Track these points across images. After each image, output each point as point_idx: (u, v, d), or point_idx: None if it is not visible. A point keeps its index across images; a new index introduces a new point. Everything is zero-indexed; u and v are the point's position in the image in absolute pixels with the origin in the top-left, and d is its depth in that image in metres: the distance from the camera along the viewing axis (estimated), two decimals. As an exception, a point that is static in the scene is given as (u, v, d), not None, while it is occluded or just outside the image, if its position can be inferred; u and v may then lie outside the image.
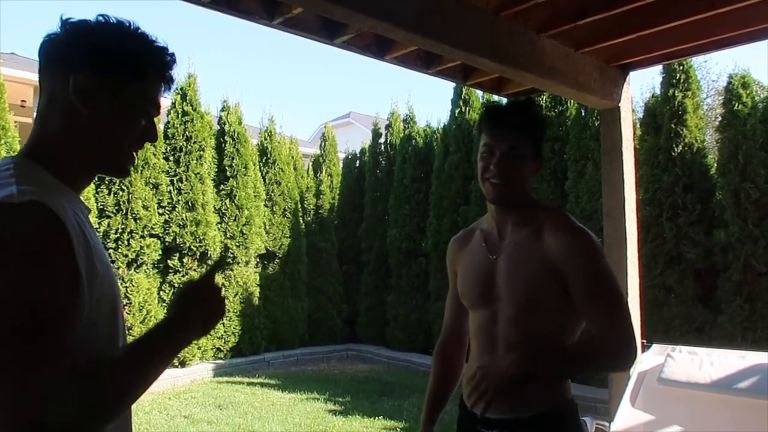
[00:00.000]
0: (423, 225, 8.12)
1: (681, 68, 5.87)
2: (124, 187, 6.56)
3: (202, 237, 7.10)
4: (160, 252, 6.95)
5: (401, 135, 8.89)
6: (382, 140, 9.37)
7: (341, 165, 9.93)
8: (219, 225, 7.50)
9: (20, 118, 8.16)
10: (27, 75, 9.27)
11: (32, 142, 1.00)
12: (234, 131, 7.80)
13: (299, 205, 8.76)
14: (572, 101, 6.28)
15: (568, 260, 1.45)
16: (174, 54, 1.04)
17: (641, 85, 23.49)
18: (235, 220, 7.62)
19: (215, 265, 1.07)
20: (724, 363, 2.65)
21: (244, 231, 7.67)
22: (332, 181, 9.58)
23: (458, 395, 1.76)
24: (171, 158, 7.18)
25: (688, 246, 5.60)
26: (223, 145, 7.76)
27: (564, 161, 6.52)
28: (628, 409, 2.67)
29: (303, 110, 52.54)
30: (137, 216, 6.62)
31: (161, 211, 6.99)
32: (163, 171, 7.07)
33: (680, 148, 5.75)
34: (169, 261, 7.04)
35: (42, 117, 1.00)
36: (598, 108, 3.39)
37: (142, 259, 6.71)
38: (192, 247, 7.06)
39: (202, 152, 7.33)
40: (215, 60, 63.11)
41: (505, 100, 3.63)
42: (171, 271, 7.05)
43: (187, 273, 7.06)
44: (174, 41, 1.04)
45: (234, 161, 7.70)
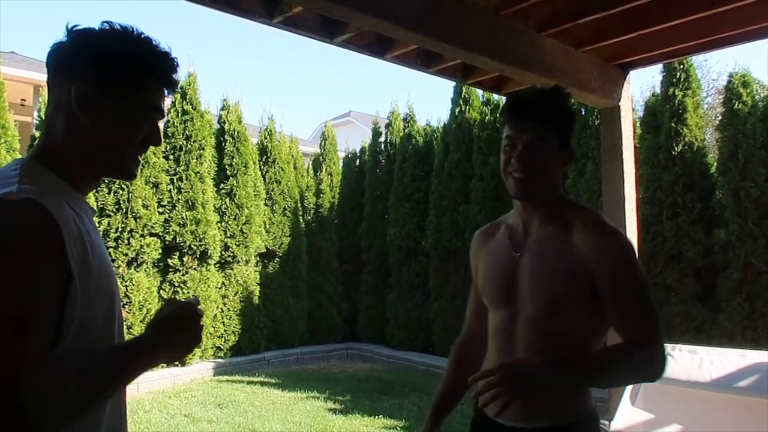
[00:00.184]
0: (423, 224, 8.12)
1: (681, 67, 5.86)
2: (124, 186, 6.56)
3: (202, 236, 7.10)
4: (160, 251, 6.95)
5: (401, 134, 8.89)
6: (382, 139, 9.36)
7: (341, 164, 9.93)
8: (219, 224, 7.50)
9: (20, 117, 8.17)
10: (27, 74, 9.28)
11: (39, 148, 1.03)
12: (234, 130, 7.80)
13: (299, 204, 8.75)
14: (572, 100, 6.27)
15: (599, 262, 1.36)
16: (176, 59, 1.06)
17: (641, 84, 23.50)
18: (235, 219, 7.62)
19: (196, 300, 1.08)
20: (724, 362, 2.65)
21: (244, 230, 7.67)
22: (332, 180, 9.58)
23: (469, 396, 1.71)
24: (171, 157, 7.18)
25: (688, 245, 5.60)
26: (223, 144, 7.76)
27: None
28: (628, 408, 2.68)
29: (303, 109, 52.55)
30: (137, 215, 6.62)
31: (161, 210, 6.99)
32: (163, 170, 7.07)
33: (680, 147, 5.75)
34: (169, 260, 7.04)
35: (48, 124, 1.03)
36: (599, 107, 3.39)
37: (142, 258, 6.71)
38: (192, 246, 7.06)
39: (202, 151, 7.32)
40: (215, 59, 63.10)
41: (506, 99, 3.62)
42: (171, 270, 7.05)
43: (187, 272, 7.07)
44: (174, 40, 1.05)
45: (234, 160, 7.69)
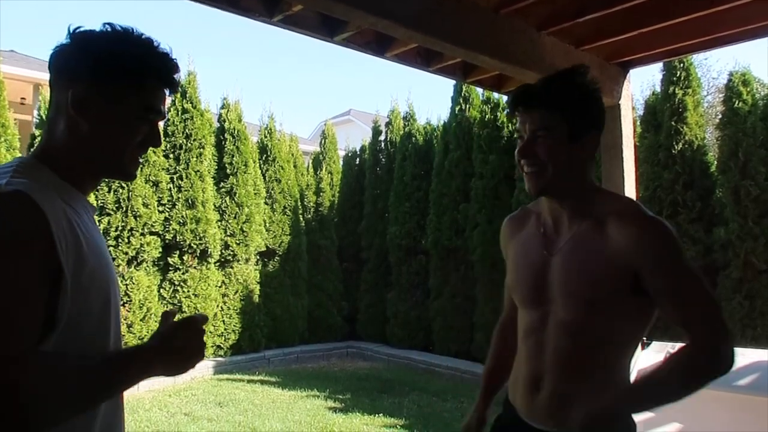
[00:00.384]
0: (423, 222, 8.12)
1: (681, 66, 5.86)
2: (124, 185, 6.56)
3: (202, 235, 7.10)
4: (160, 249, 6.96)
5: (401, 132, 8.89)
6: (382, 138, 9.36)
7: (341, 162, 9.93)
8: (219, 222, 7.50)
9: (20, 116, 8.17)
10: (27, 72, 9.27)
11: (41, 148, 1.04)
12: (234, 129, 7.80)
13: (299, 203, 8.75)
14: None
15: (644, 258, 1.25)
16: (176, 60, 1.06)
17: (641, 83, 23.49)
18: (235, 218, 7.62)
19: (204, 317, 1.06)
20: (724, 360, 2.65)
21: (244, 228, 7.67)
22: (332, 179, 9.57)
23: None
24: (171, 156, 7.18)
25: (688, 243, 5.60)
26: (223, 143, 7.76)
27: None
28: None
29: (303, 108, 52.57)
30: (137, 213, 6.62)
31: (161, 209, 6.99)
32: (163, 168, 7.07)
33: (680, 146, 5.75)
34: (169, 258, 7.04)
35: (49, 126, 1.04)
36: (599, 105, 3.39)
37: (142, 257, 6.72)
38: (192, 245, 7.06)
39: (202, 150, 7.32)
40: (215, 57, 63.06)
41: (506, 98, 3.62)
42: (171, 269, 7.06)
43: (188, 270, 7.07)
44: (174, 39, 1.06)
45: (234, 159, 7.69)
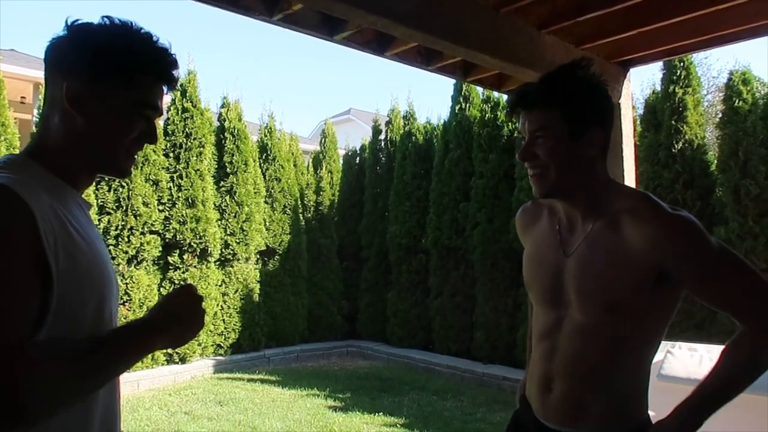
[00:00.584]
0: (423, 221, 8.12)
1: (681, 65, 5.86)
2: (124, 184, 6.56)
3: (203, 233, 7.10)
4: (160, 248, 6.95)
5: (401, 132, 8.88)
6: (382, 137, 9.36)
7: (341, 161, 9.92)
8: (219, 221, 7.50)
9: (20, 115, 8.17)
10: (27, 71, 9.26)
11: (34, 144, 1.02)
12: (234, 128, 7.79)
13: (299, 202, 8.75)
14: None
15: (673, 260, 1.21)
16: (175, 55, 1.04)
17: (641, 82, 23.48)
18: (235, 217, 7.62)
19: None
20: (724, 359, 2.65)
21: (244, 227, 7.67)
22: (332, 178, 9.57)
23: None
24: (171, 155, 7.18)
25: (688, 242, 5.60)
26: (223, 142, 7.76)
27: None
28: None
29: (303, 107, 52.53)
30: (137, 212, 6.62)
31: (161, 208, 6.99)
32: (163, 167, 7.07)
33: (680, 145, 5.75)
34: (170, 257, 7.04)
35: (44, 121, 1.02)
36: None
37: (143, 256, 6.72)
38: (192, 244, 7.06)
39: (202, 149, 7.32)
40: (215, 56, 63.00)
41: (506, 97, 3.62)
42: (171, 268, 7.06)
43: (188, 269, 7.07)
44: (174, 38, 1.04)
45: (234, 158, 7.69)
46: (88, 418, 0.98)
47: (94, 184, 6.51)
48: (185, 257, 7.09)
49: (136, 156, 1.09)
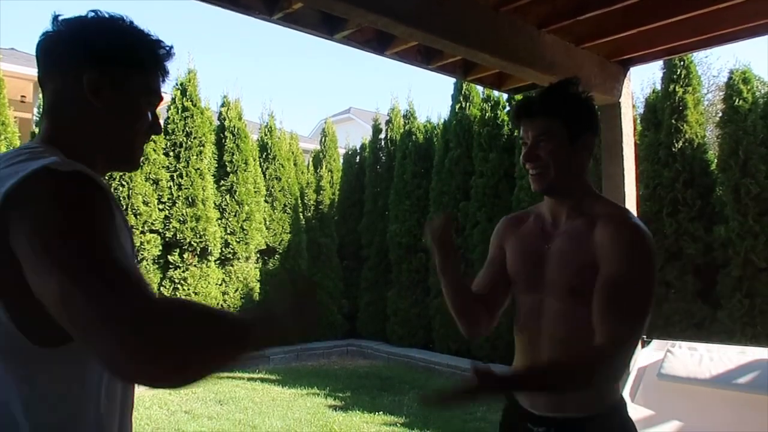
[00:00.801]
0: (423, 220, 8.10)
1: (682, 64, 5.86)
2: (124, 183, 6.56)
3: (203, 233, 7.10)
4: (161, 247, 6.96)
5: (401, 131, 8.88)
6: (383, 136, 9.36)
7: (341, 161, 9.92)
8: (219, 221, 7.50)
9: (20, 114, 8.17)
10: (27, 70, 9.26)
11: (48, 133, 0.99)
12: (234, 127, 7.80)
13: (299, 201, 8.76)
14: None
15: (606, 252, 1.37)
16: (171, 45, 1.04)
17: (642, 81, 23.43)
18: (236, 216, 7.62)
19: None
20: (724, 358, 2.65)
21: (245, 227, 7.67)
22: (332, 177, 9.57)
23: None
24: (171, 154, 7.18)
25: (688, 241, 5.60)
26: (223, 141, 7.76)
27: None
28: (628, 404, 2.68)
29: (303, 106, 52.54)
30: (137, 212, 6.63)
31: (161, 207, 6.99)
32: (163, 166, 7.07)
33: (681, 144, 5.75)
34: (170, 257, 7.05)
35: (53, 112, 1.00)
36: (599, 104, 3.38)
37: (143, 255, 6.72)
38: (192, 243, 7.06)
39: (202, 148, 7.33)
40: (215, 56, 63.02)
41: (506, 96, 3.63)
42: (171, 267, 7.06)
43: (188, 268, 7.07)
44: (174, 37, 1.05)
45: (234, 157, 7.69)
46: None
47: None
48: (185, 256, 7.10)
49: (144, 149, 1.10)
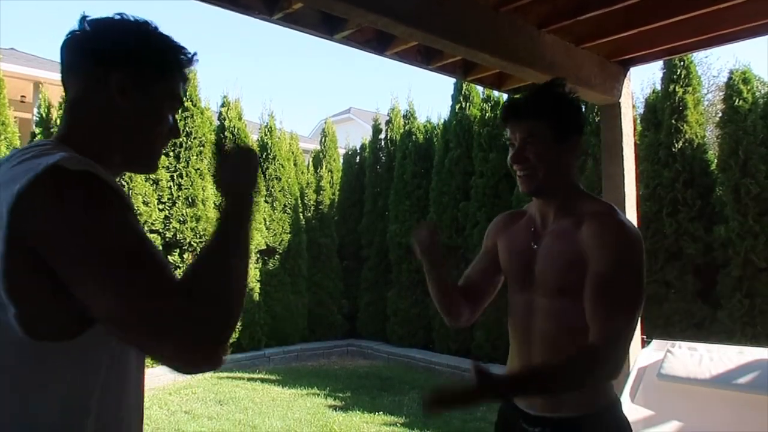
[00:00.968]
0: (423, 221, 8.11)
1: (682, 64, 5.86)
2: (124, 183, 6.55)
3: (203, 233, 7.10)
4: (161, 248, 6.96)
5: (401, 131, 8.88)
6: (383, 136, 9.36)
7: (341, 161, 9.92)
8: (219, 221, 7.50)
9: (20, 114, 8.17)
10: (27, 70, 9.27)
11: (66, 131, 0.99)
12: (234, 127, 7.80)
13: (299, 201, 8.75)
14: (570, 90, 6.28)
15: (593, 250, 1.37)
16: (195, 52, 1.05)
17: (642, 81, 23.44)
18: (236, 216, 7.61)
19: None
20: (724, 358, 2.65)
21: (245, 227, 7.66)
22: (332, 177, 9.57)
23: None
24: (171, 154, 7.18)
25: (688, 241, 5.60)
26: (223, 141, 7.75)
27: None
28: (628, 404, 2.68)
29: (303, 106, 52.55)
30: (137, 212, 6.62)
31: (161, 207, 6.99)
32: (163, 167, 7.07)
33: (681, 144, 5.75)
34: (170, 257, 7.04)
35: (74, 111, 1.00)
36: (599, 104, 3.39)
37: (143, 255, 6.72)
38: (192, 243, 7.06)
39: (203, 148, 7.32)
40: (215, 56, 63.02)
41: (506, 96, 3.63)
42: (171, 267, 7.06)
43: (188, 269, 7.07)
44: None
45: (234, 157, 7.69)
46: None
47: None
48: (185, 256, 7.09)
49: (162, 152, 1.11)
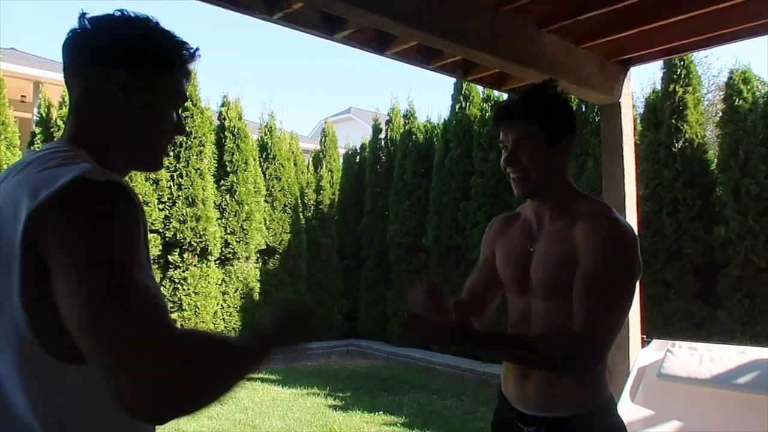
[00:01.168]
0: (423, 220, 8.12)
1: (682, 63, 5.86)
2: (125, 183, 6.56)
3: (203, 232, 7.10)
4: (161, 247, 6.96)
5: (401, 130, 8.88)
6: (383, 136, 9.35)
7: (341, 160, 9.92)
8: (219, 220, 7.50)
9: (20, 114, 8.17)
10: (27, 70, 9.26)
11: (73, 132, 0.98)
12: (234, 127, 7.80)
13: (299, 201, 8.76)
14: (573, 97, 6.27)
15: (584, 248, 1.38)
16: (197, 47, 1.04)
17: (642, 81, 23.44)
18: (236, 216, 7.62)
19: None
20: (724, 358, 2.65)
21: (245, 226, 7.67)
22: (332, 177, 9.57)
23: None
24: (171, 153, 7.17)
25: (688, 241, 5.60)
26: (223, 141, 7.76)
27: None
28: (628, 404, 2.68)
29: (303, 106, 52.52)
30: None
31: (161, 207, 6.99)
32: (163, 166, 7.07)
33: (681, 144, 5.75)
34: (170, 256, 7.04)
35: (79, 111, 0.98)
36: (599, 103, 3.39)
37: (143, 255, 6.72)
38: (192, 243, 7.06)
39: (203, 148, 7.32)
40: (215, 55, 62.99)
41: (506, 96, 3.63)
42: (171, 267, 7.06)
43: (188, 268, 7.07)
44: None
45: (234, 157, 7.69)
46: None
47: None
48: (185, 256, 7.09)
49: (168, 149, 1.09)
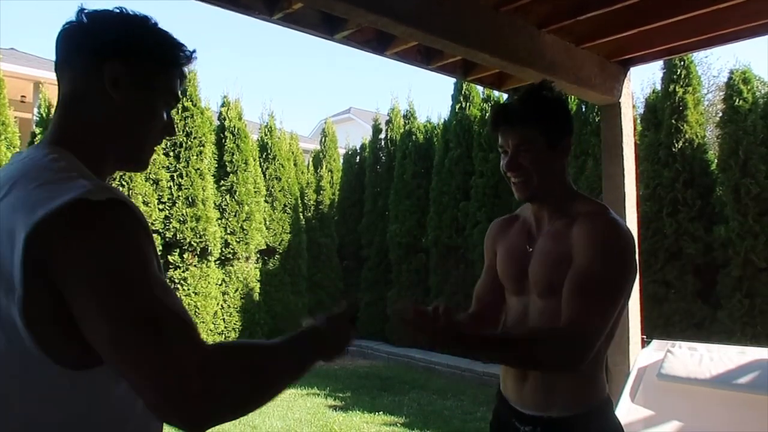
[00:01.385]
0: (423, 221, 8.12)
1: (682, 64, 5.86)
2: (124, 183, 6.56)
3: (203, 233, 7.10)
4: (161, 247, 6.95)
5: (401, 130, 8.88)
6: (383, 136, 9.36)
7: (341, 161, 9.93)
8: (219, 221, 7.50)
9: (20, 114, 8.17)
10: (27, 70, 9.27)
11: (59, 131, 0.95)
12: (234, 127, 7.80)
13: (299, 201, 8.76)
14: (573, 97, 6.27)
15: (579, 247, 1.39)
16: (194, 50, 1.03)
17: (642, 81, 23.44)
18: (236, 216, 7.62)
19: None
20: (724, 358, 2.65)
21: (245, 227, 7.67)
22: (332, 177, 9.57)
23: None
24: (171, 154, 7.18)
25: (688, 241, 5.60)
26: (224, 141, 7.76)
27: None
28: (628, 404, 2.68)
29: (303, 105, 52.55)
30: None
31: (161, 207, 6.99)
32: (164, 167, 7.07)
33: (681, 144, 5.75)
34: (170, 257, 7.04)
35: (68, 106, 0.96)
36: (599, 103, 3.39)
37: (143, 255, 6.72)
38: (192, 243, 7.06)
39: (203, 148, 7.32)
40: (215, 55, 63.03)
41: (506, 96, 3.63)
42: (171, 267, 7.06)
43: (188, 268, 7.07)
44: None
45: (234, 157, 7.69)
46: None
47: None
48: (185, 256, 7.09)
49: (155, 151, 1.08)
